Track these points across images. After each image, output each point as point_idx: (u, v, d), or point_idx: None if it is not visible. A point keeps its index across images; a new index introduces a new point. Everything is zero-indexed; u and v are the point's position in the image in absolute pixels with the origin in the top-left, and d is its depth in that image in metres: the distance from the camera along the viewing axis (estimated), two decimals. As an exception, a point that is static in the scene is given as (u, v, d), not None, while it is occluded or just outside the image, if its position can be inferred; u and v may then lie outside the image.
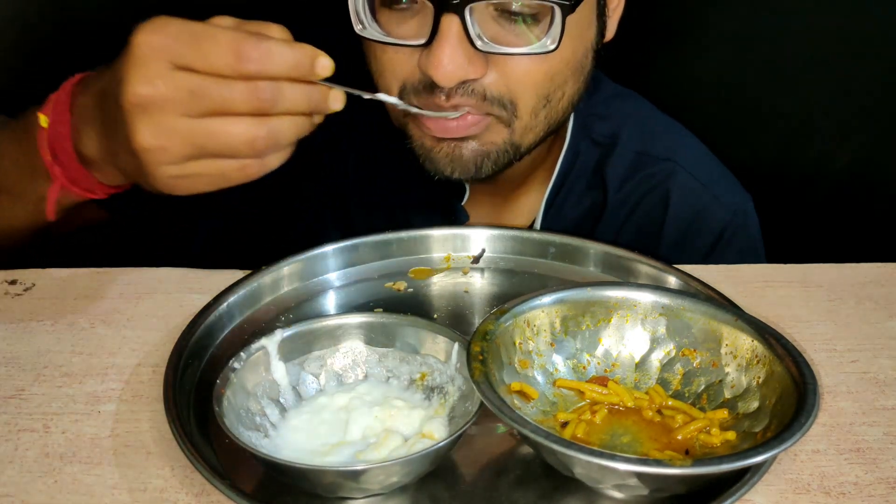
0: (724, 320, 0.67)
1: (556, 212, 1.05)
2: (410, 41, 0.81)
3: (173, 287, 0.84)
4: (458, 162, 0.87)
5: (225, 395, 0.62)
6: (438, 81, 0.79)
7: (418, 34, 0.80)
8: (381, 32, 0.83)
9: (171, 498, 0.59)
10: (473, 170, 0.87)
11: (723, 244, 1.04)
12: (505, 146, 0.87)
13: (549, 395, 0.67)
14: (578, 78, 0.89)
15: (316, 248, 0.86)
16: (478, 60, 0.80)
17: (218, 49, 0.60)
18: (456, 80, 0.79)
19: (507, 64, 0.82)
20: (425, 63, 0.79)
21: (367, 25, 0.82)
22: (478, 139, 0.86)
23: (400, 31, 0.82)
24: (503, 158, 0.88)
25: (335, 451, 0.62)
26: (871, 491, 0.60)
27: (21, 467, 0.61)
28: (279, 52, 0.61)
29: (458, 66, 0.78)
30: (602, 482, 0.57)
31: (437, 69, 0.78)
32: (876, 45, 1.20)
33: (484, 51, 0.79)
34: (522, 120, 0.86)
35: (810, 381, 0.60)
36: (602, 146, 1.04)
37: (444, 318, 0.81)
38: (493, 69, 0.82)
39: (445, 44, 0.77)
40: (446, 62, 0.77)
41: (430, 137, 0.86)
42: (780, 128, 1.28)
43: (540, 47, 0.80)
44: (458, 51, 0.78)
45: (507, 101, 0.84)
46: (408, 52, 0.82)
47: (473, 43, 0.78)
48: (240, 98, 0.61)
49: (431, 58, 0.78)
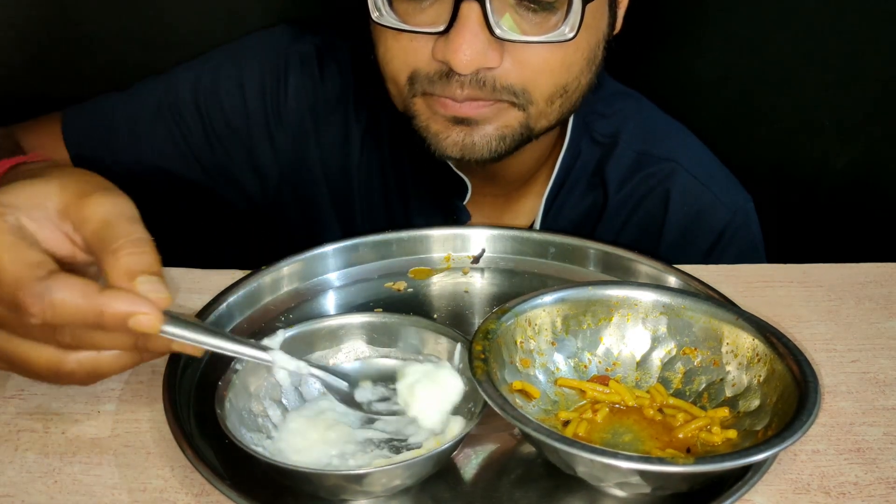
0: (725, 319, 0.67)
1: (557, 212, 1.05)
2: (428, 28, 0.81)
3: (173, 287, 0.83)
4: (468, 147, 0.86)
5: (227, 398, 0.61)
6: (457, 68, 0.79)
7: (436, 22, 0.81)
8: (397, 20, 0.83)
9: (171, 498, 0.59)
10: (486, 153, 0.87)
11: (723, 244, 1.04)
12: (521, 129, 0.87)
13: (550, 394, 0.67)
14: (591, 68, 0.89)
15: (316, 248, 0.86)
16: (495, 48, 0.80)
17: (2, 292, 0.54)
18: (474, 68, 0.80)
19: (523, 52, 0.82)
20: (443, 50, 0.80)
21: (384, 13, 0.83)
22: (490, 123, 0.86)
23: (417, 19, 0.82)
24: (517, 139, 0.88)
25: (338, 453, 0.62)
26: (871, 491, 0.60)
27: (21, 467, 0.61)
28: (64, 307, 0.53)
29: (477, 52, 0.78)
30: (604, 480, 0.57)
31: (456, 55, 0.78)
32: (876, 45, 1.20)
33: (503, 38, 0.80)
34: (538, 105, 0.86)
35: (811, 379, 0.60)
36: (603, 145, 1.04)
37: (445, 318, 0.81)
38: (508, 58, 0.82)
39: (466, 30, 0.78)
40: (465, 49, 0.78)
41: (439, 121, 0.86)
42: (780, 128, 1.28)
43: (558, 35, 0.81)
44: (477, 38, 0.78)
45: (518, 90, 0.84)
46: (422, 40, 0.82)
47: (493, 30, 0.78)
48: (38, 333, 0.56)
49: (450, 44, 0.78)
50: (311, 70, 1.04)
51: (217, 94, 1.03)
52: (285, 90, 1.04)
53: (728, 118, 1.28)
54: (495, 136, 0.86)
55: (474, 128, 0.85)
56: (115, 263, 0.55)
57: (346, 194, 1.06)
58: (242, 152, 1.06)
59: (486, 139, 0.86)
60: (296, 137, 1.05)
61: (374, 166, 1.05)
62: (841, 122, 1.25)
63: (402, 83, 0.86)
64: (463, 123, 0.85)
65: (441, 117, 0.86)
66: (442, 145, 0.87)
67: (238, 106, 1.04)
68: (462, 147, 0.86)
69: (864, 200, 1.30)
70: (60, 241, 0.59)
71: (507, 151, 0.88)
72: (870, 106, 1.24)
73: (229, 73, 1.04)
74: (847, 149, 1.27)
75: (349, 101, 1.04)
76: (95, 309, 0.53)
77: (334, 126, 1.05)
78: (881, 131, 1.26)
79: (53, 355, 0.57)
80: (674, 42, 1.25)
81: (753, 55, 1.23)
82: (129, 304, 0.54)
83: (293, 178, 1.07)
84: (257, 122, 1.04)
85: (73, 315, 0.54)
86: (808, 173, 1.29)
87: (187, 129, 1.04)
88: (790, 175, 1.30)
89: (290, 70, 1.04)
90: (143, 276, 0.55)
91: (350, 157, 1.05)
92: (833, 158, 1.28)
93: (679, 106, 1.12)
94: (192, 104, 1.03)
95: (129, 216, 0.58)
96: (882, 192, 1.29)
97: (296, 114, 1.04)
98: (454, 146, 0.86)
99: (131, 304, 0.54)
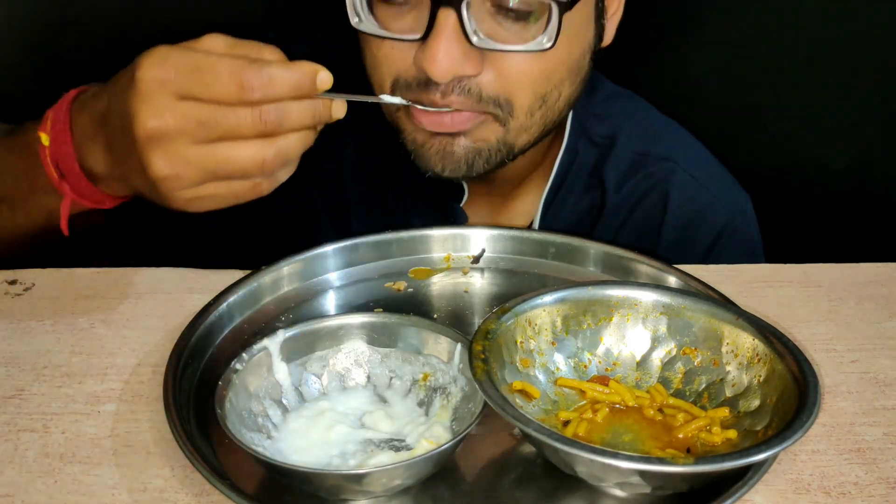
0: (725, 319, 0.67)
1: (555, 213, 1.05)
2: (406, 35, 0.81)
3: (173, 287, 0.84)
4: (450, 159, 0.86)
5: (227, 398, 0.61)
6: (433, 76, 0.79)
7: (414, 29, 0.80)
8: (377, 26, 0.83)
9: (171, 498, 0.59)
10: (465, 168, 0.87)
11: (722, 244, 1.04)
12: (498, 145, 0.87)
13: (550, 393, 0.67)
14: (575, 80, 0.89)
15: (316, 248, 0.86)
16: (473, 57, 0.80)
17: (221, 80, 0.62)
18: (450, 76, 0.79)
19: (503, 62, 0.82)
20: (420, 58, 0.79)
21: (363, 19, 0.83)
22: (470, 136, 0.85)
23: (396, 25, 0.82)
24: (495, 157, 0.88)
25: (338, 452, 0.62)
26: (871, 491, 0.60)
27: (21, 467, 0.61)
28: (280, 76, 0.63)
29: (454, 60, 0.78)
30: (604, 480, 0.57)
31: (433, 63, 0.78)
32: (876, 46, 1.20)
33: (480, 47, 0.79)
34: (518, 119, 0.86)
35: (811, 379, 0.60)
36: (600, 146, 1.04)
37: (444, 318, 0.81)
38: (489, 67, 0.81)
39: (441, 38, 0.77)
40: (441, 57, 0.77)
41: (422, 132, 0.86)
42: (780, 128, 1.28)
43: (536, 45, 0.80)
44: (453, 46, 0.78)
45: (502, 101, 0.83)
46: (404, 47, 0.82)
47: (469, 38, 0.78)
48: (246, 124, 0.63)
49: (427, 52, 0.78)
50: None
51: None
52: None
53: (727, 118, 1.28)
54: (472, 148, 0.86)
55: (455, 138, 0.85)
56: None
57: (341, 201, 1.06)
58: None
59: (466, 150, 0.86)
60: None
61: (369, 171, 1.05)
62: (840, 123, 1.25)
63: (387, 91, 0.86)
64: (444, 135, 0.85)
65: (422, 130, 0.86)
66: (424, 157, 0.87)
67: None
68: (443, 158, 0.86)
69: (864, 200, 1.30)
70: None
71: (489, 168, 0.88)
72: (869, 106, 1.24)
73: None
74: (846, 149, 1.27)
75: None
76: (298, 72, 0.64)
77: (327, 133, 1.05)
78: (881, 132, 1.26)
79: (258, 146, 0.64)
80: (673, 42, 1.25)
81: (753, 55, 1.23)
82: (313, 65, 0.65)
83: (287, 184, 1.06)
84: None
85: (284, 83, 0.63)
86: (807, 173, 1.29)
87: None
88: (790, 175, 1.30)
89: None
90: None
91: (344, 163, 1.05)
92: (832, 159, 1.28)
93: (678, 106, 1.12)
94: None
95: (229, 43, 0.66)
96: (882, 193, 1.29)
97: None
98: (436, 157, 0.86)
99: (314, 65, 0.65)
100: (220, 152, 0.64)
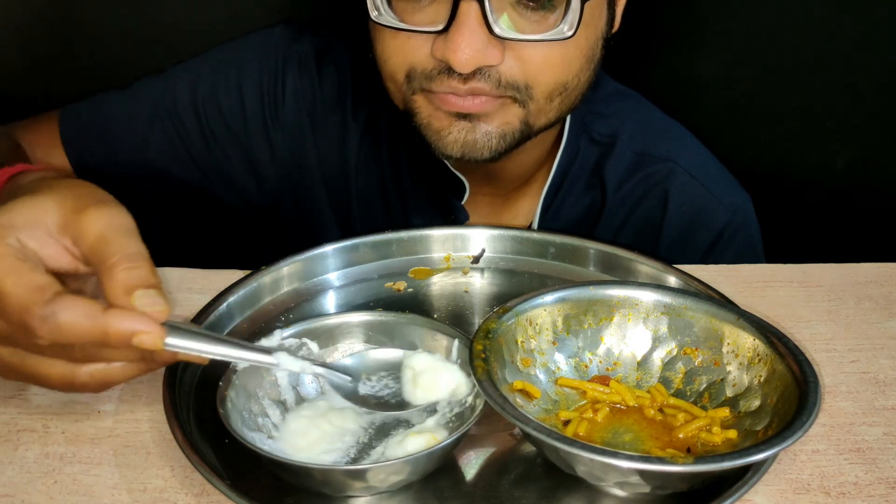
0: (726, 319, 0.67)
1: (555, 212, 1.05)
2: (427, 27, 0.81)
3: (173, 287, 0.83)
4: (470, 145, 0.86)
5: (228, 397, 0.61)
6: (456, 67, 0.79)
7: (435, 20, 0.81)
8: (396, 19, 0.83)
9: (171, 498, 0.59)
10: (486, 153, 0.87)
11: (722, 244, 1.04)
12: (521, 125, 0.87)
13: (551, 393, 0.66)
14: (591, 66, 0.90)
15: (316, 248, 0.86)
16: (495, 46, 0.80)
17: (9, 315, 0.56)
18: (473, 66, 0.80)
19: (524, 50, 0.82)
20: (442, 49, 0.80)
21: (383, 12, 0.83)
22: (491, 121, 0.86)
23: (416, 17, 0.83)
24: (517, 137, 0.88)
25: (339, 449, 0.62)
26: (871, 491, 0.60)
27: (21, 467, 0.61)
28: (70, 329, 0.55)
29: (476, 51, 0.79)
30: (604, 480, 0.57)
31: (455, 54, 0.78)
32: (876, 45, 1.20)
33: (502, 37, 0.80)
34: (538, 102, 0.86)
35: (812, 379, 0.60)
36: (601, 145, 1.04)
37: (444, 317, 0.81)
38: (510, 55, 0.82)
39: (464, 29, 0.78)
40: (464, 47, 0.78)
41: (441, 117, 0.86)
42: (780, 128, 1.28)
43: (557, 34, 0.81)
44: (476, 36, 0.78)
45: (522, 86, 0.84)
46: (420, 38, 0.82)
47: (491, 29, 0.79)
48: (48, 351, 0.58)
49: (449, 43, 0.79)
50: (310, 71, 1.04)
51: (215, 96, 1.03)
52: (283, 91, 1.04)
53: (728, 118, 1.28)
54: (496, 133, 0.86)
55: (476, 124, 0.85)
56: (112, 280, 0.57)
57: (344, 195, 1.06)
58: (240, 153, 1.05)
59: (487, 136, 0.86)
60: (293, 138, 1.05)
61: (372, 167, 1.05)
62: (841, 123, 1.25)
63: (400, 80, 0.86)
64: (465, 119, 0.85)
65: (443, 114, 0.86)
66: (442, 143, 0.87)
67: (236, 107, 1.04)
68: (463, 144, 0.86)
69: (864, 200, 1.30)
70: (62, 256, 0.60)
71: (507, 150, 0.88)
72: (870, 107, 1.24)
73: (227, 74, 1.04)
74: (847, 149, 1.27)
75: (347, 102, 1.04)
76: (100, 329, 0.55)
77: (332, 127, 1.05)
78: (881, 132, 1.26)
79: (65, 369, 0.59)
80: (674, 42, 1.25)
81: (754, 55, 1.23)
82: (130, 323, 0.55)
83: (291, 180, 1.07)
84: (255, 124, 1.04)
85: (80, 336, 0.55)
86: (808, 173, 1.30)
87: (185, 130, 1.04)
88: (790, 175, 1.30)
89: (287, 71, 1.04)
90: (139, 291, 0.56)
91: (348, 157, 1.05)
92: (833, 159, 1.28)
93: (679, 106, 1.12)
94: (189, 106, 1.03)
95: (125, 229, 0.59)
96: (882, 193, 1.30)
97: (294, 115, 1.04)
98: (455, 143, 0.86)
99: (133, 322, 0.55)
100: (28, 364, 0.59)
